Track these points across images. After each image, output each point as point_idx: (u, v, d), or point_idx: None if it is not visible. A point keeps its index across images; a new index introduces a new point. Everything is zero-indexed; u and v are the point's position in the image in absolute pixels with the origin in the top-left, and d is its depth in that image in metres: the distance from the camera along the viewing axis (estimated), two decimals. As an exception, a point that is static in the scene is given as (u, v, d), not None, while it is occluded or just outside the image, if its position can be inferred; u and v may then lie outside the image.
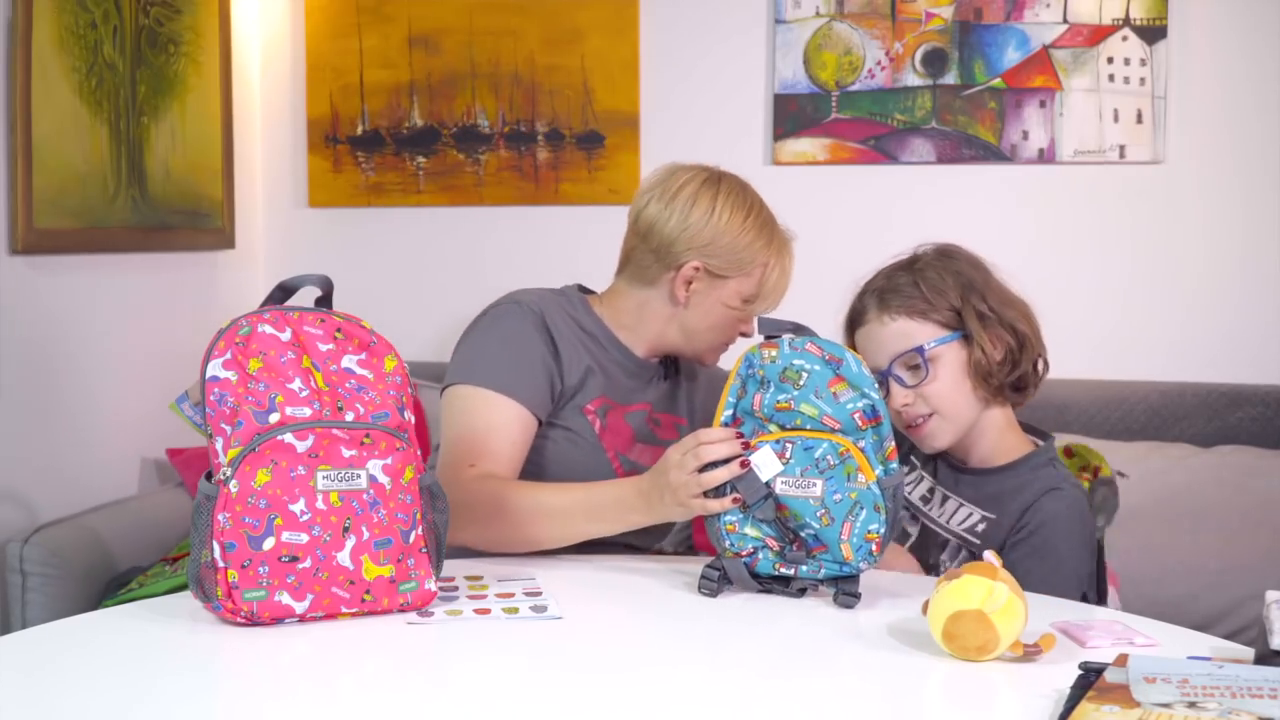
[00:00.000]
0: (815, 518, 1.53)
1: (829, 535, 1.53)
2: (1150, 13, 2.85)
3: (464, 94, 3.17)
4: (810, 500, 1.53)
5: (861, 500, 1.52)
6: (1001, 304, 1.79)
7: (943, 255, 1.82)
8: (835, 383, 1.55)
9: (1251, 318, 2.87)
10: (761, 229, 1.91)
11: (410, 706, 1.22)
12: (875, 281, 1.84)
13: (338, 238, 3.25)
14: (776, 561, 1.56)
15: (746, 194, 1.93)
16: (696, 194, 1.90)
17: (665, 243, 1.90)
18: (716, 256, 1.89)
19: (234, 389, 1.43)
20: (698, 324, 1.93)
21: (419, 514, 1.49)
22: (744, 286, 1.90)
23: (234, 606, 1.39)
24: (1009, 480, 1.79)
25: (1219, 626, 2.42)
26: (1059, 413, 2.76)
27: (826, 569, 1.54)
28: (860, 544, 1.52)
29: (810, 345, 1.57)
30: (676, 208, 1.89)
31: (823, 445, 1.53)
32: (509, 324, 1.87)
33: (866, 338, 1.82)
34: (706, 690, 1.28)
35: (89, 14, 2.55)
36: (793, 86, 3.01)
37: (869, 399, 1.54)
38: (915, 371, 1.76)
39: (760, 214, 1.92)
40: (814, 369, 1.56)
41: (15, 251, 2.40)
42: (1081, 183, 2.94)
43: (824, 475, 1.53)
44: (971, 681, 1.28)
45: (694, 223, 1.88)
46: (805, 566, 1.54)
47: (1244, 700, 1.10)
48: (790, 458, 1.54)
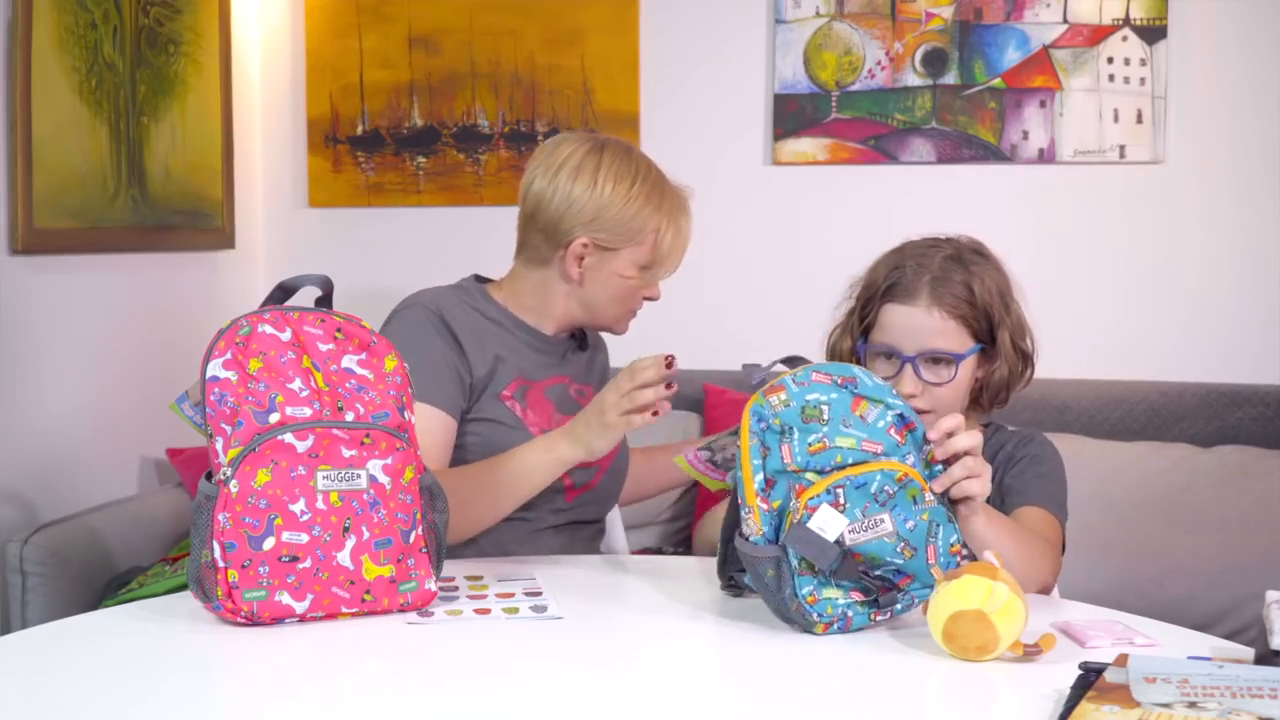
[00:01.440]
0: (896, 554, 1.41)
1: (916, 567, 1.42)
2: (1150, 13, 2.85)
3: (464, 94, 3.17)
4: (885, 539, 1.40)
5: (934, 517, 1.43)
6: (1018, 323, 1.79)
7: (982, 257, 1.79)
8: (857, 404, 1.46)
9: (1251, 318, 2.87)
10: (650, 195, 1.87)
11: (410, 706, 1.22)
12: (923, 263, 1.76)
13: (338, 238, 3.25)
14: (871, 613, 1.42)
15: (631, 159, 1.88)
16: (579, 167, 1.86)
17: (552, 221, 1.87)
18: (604, 230, 1.86)
19: (234, 389, 1.43)
20: (597, 298, 1.91)
21: (419, 514, 1.49)
22: (637, 255, 1.88)
23: (234, 606, 1.39)
24: (991, 447, 1.80)
25: (1219, 626, 2.42)
26: (1059, 413, 2.76)
27: (919, 596, 1.43)
28: (948, 561, 1.44)
29: (816, 375, 1.47)
30: (559, 184, 1.86)
31: (875, 478, 1.41)
32: (407, 331, 1.84)
33: (905, 317, 1.74)
34: (706, 690, 1.28)
35: (89, 14, 2.55)
36: (793, 86, 3.01)
37: (894, 408, 1.47)
38: (938, 369, 1.75)
39: (647, 179, 1.87)
40: (832, 398, 1.45)
41: (15, 251, 2.40)
42: (1081, 183, 2.94)
43: (888, 508, 1.41)
44: (971, 681, 1.28)
45: (577, 198, 1.85)
46: (899, 605, 1.43)
47: (1244, 700, 1.10)
48: (845, 502, 1.40)
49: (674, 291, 3.30)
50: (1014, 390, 1.81)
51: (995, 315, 1.76)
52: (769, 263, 3.08)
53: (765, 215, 3.08)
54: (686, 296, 3.15)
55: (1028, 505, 1.73)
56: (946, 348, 1.74)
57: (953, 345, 1.74)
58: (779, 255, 3.08)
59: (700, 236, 3.11)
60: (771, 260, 3.08)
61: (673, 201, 1.90)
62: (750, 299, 3.09)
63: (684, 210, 1.92)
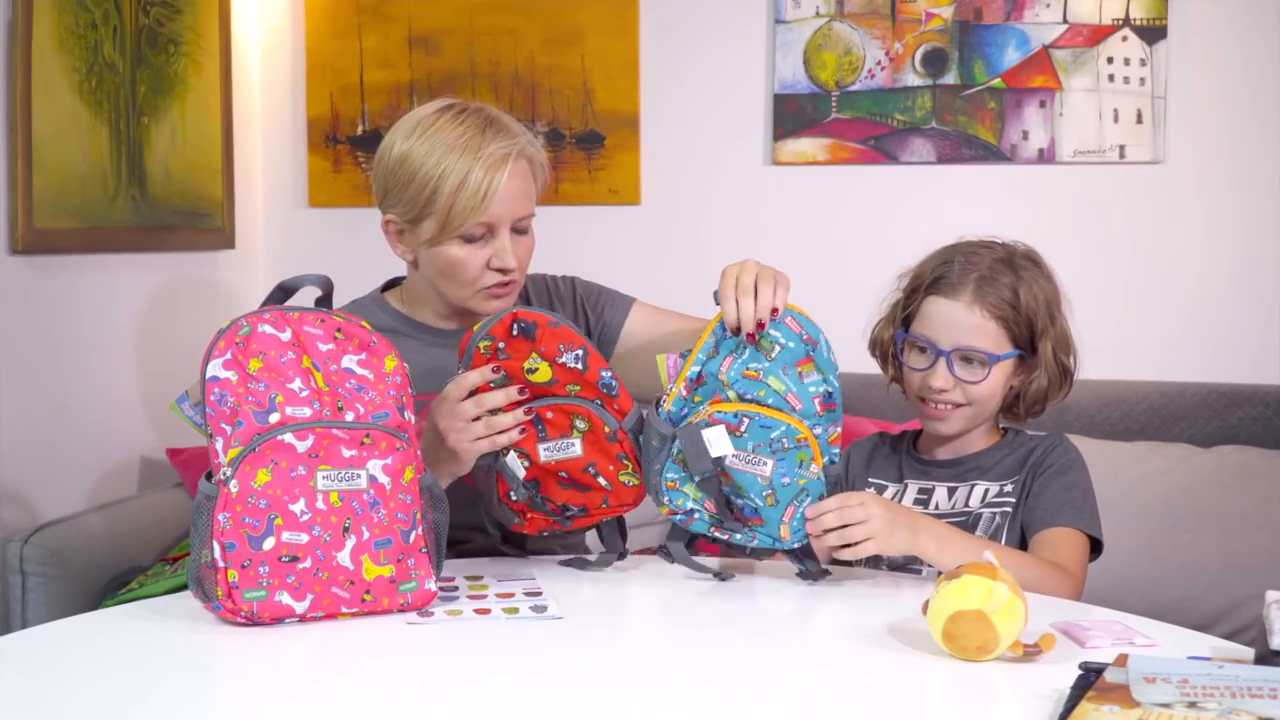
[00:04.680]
0: (760, 495, 1.56)
1: (770, 514, 1.56)
2: (1150, 13, 2.85)
3: (464, 94, 3.16)
4: (759, 478, 1.56)
5: (809, 488, 1.57)
6: (1063, 337, 1.79)
7: (1034, 264, 1.80)
8: (804, 363, 1.59)
9: (1251, 318, 2.87)
10: (432, 149, 1.71)
11: (410, 706, 1.22)
12: (973, 260, 1.77)
13: (338, 238, 3.25)
14: (712, 525, 1.59)
15: (419, 117, 1.75)
16: (380, 145, 1.77)
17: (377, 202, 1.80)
18: (396, 203, 1.76)
19: (234, 389, 1.43)
20: (435, 277, 1.79)
21: (419, 514, 1.49)
22: (436, 222, 1.73)
23: (234, 606, 1.39)
24: (1014, 450, 1.81)
25: (1219, 626, 2.41)
26: (1059, 413, 2.74)
27: (760, 540, 1.58)
28: (798, 527, 1.57)
29: (789, 320, 1.60)
30: (376, 161, 1.79)
31: (780, 427, 1.56)
32: None
33: (946, 311, 1.75)
34: (706, 690, 1.28)
35: (89, 14, 2.55)
36: (793, 86, 3.01)
37: (831, 385, 1.59)
38: (971, 367, 1.75)
39: (428, 131, 1.73)
40: (788, 345, 1.59)
41: (15, 251, 2.40)
42: (1081, 183, 2.94)
43: (776, 456, 1.56)
44: (971, 681, 1.28)
45: (376, 172, 1.78)
46: (739, 535, 1.58)
47: (1244, 700, 1.10)
48: (745, 433, 1.56)
49: (674, 291, 3.31)
50: (1051, 403, 1.81)
51: (1039, 324, 1.75)
52: (769, 263, 3.07)
53: (765, 215, 3.08)
54: (687, 296, 3.15)
55: (1050, 528, 1.72)
56: (983, 346, 1.74)
57: (989, 345, 1.74)
58: (779, 255, 3.05)
59: (700, 237, 3.15)
60: (771, 260, 3.05)
61: (467, 142, 1.71)
62: (750, 299, 3.08)
63: (483, 151, 1.70)
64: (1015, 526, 1.75)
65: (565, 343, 1.61)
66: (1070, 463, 1.78)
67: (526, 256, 1.81)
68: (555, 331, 1.60)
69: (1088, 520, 1.73)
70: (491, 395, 1.60)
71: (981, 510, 1.76)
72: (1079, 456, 1.80)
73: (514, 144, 1.74)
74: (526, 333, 1.60)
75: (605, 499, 1.65)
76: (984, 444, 1.83)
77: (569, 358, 1.61)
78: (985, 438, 1.83)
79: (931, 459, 1.84)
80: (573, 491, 1.64)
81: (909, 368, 1.79)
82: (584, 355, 1.61)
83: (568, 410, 1.62)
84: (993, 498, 1.77)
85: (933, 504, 1.80)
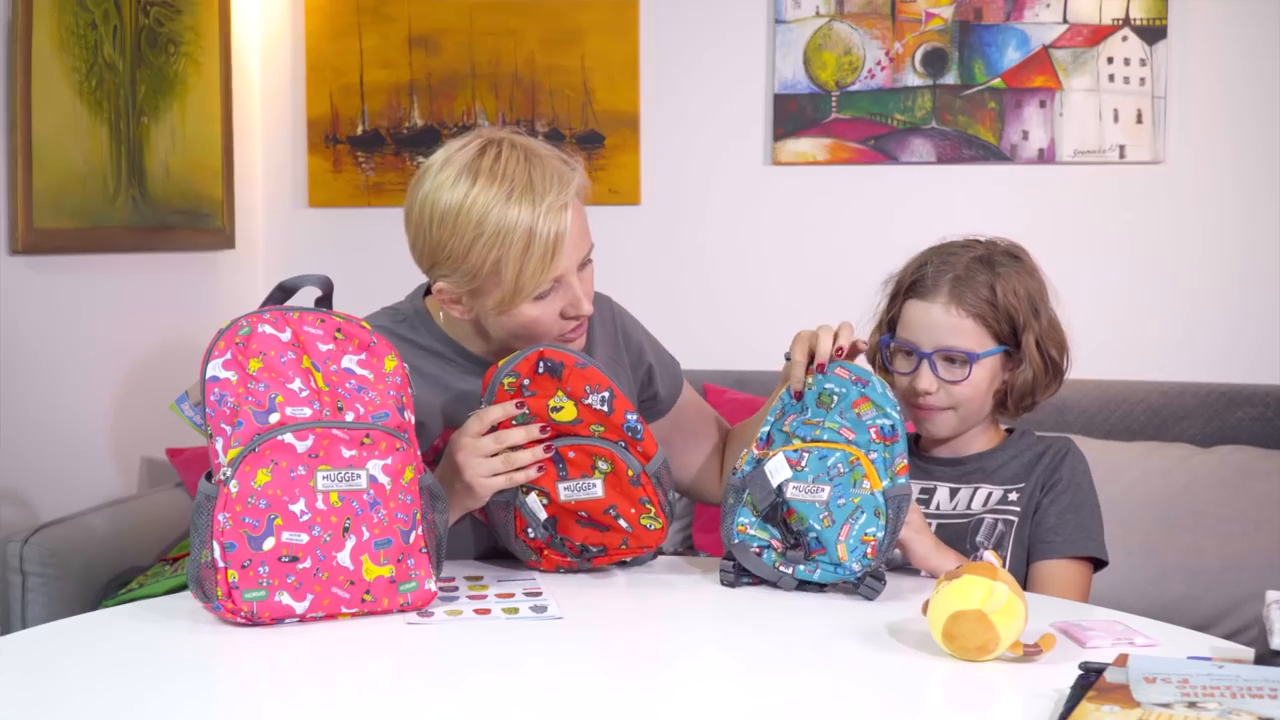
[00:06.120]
0: (818, 520, 1.55)
1: (828, 536, 1.54)
2: (1150, 13, 2.85)
3: (464, 94, 3.17)
4: (816, 504, 1.56)
5: (864, 505, 1.54)
6: (1051, 329, 1.79)
7: (1015, 260, 1.79)
8: (860, 403, 1.60)
9: (1251, 318, 2.87)
10: (485, 214, 1.57)
11: (410, 706, 1.22)
12: (949, 261, 1.77)
13: (338, 238, 3.25)
14: (778, 561, 1.58)
15: (453, 176, 1.60)
16: (411, 201, 1.65)
17: (416, 259, 1.67)
18: (450, 274, 1.62)
19: (234, 389, 1.43)
20: (506, 337, 1.68)
21: (419, 514, 1.49)
22: (503, 291, 1.61)
23: (234, 606, 1.39)
24: (1019, 453, 1.80)
25: (1219, 626, 2.42)
26: (1059, 413, 2.76)
27: (822, 571, 1.55)
28: (856, 545, 1.53)
29: (839, 370, 1.63)
30: (410, 220, 1.66)
31: (835, 455, 1.58)
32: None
33: (924, 313, 1.76)
34: (706, 690, 1.28)
35: (89, 14, 2.55)
36: (793, 86, 3.01)
37: (890, 418, 1.59)
38: (953, 367, 1.75)
39: (471, 190, 1.58)
40: (843, 392, 1.62)
41: (15, 251, 2.41)
42: (1081, 183, 2.94)
43: (832, 482, 1.57)
44: (971, 681, 1.27)
45: (416, 235, 1.65)
46: (802, 567, 1.56)
47: (1244, 700, 1.10)
48: (805, 466, 1.58)
49: (674, 291, 3.31)
50: (1040, 397, 1.81)
51: (1020, 319, 1.75)
52: (769, 263, 3.08)
53: (765, 215, 3.08)
54: (687, 296, 3.16)
55: (1053, 559, 1.72)
56: (962, 346, 1.74)
57: (969, 344, 1.74)
58: (779, 255, 3.08)
59: (700, 237, 3.15)
60: (771, 260, 3.08)
61: (520, 201, 1.58)
62: (750, 299, 3.08)
63: (540, 211, 1.57)
64: (1021, 540, 1.74)
65: (592, 384, 1.59)
66: (1077, 479, 1.77)
67: (592, 288, 1.71)
68: (582, 373, 1.59)
69: (1092, 545, 1.74)
70: (512, 432, 1.59)
71: (984, 515, 1.76)
72: (1086, 469, 1.80)
73: (568, 189, 1.60)
74: (553, 371, 1.58)
75: (625, 540, 1.63)
76: (986, 444, 1.83)
77: (595, 399, 1.59)
78: (986, 438, 1.83)
79: (932, 458, 1.84)
80: (591, 530, 1.63)
81: (895, 372, 1.79)
82: (610, 398, 1.59)
83: (590, 451, 1.60)
84: (996, 503, 1.77)
85: (933, 504, 1.80)
